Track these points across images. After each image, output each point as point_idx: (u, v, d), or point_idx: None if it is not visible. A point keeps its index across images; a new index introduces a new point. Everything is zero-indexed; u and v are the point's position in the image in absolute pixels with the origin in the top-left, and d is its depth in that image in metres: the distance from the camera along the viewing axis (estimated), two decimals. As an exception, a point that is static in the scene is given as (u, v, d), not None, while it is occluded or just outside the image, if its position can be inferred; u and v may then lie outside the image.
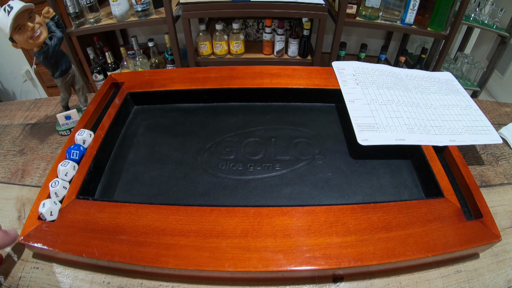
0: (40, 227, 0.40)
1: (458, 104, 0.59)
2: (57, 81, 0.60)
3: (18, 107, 0.72)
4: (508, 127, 0.63)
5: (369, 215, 0.40)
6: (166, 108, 0.62)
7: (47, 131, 0.65)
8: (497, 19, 1.40)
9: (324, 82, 0.62)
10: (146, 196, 0.47)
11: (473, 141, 0.52)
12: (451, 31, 1.29)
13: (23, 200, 0.51)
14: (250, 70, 0.64)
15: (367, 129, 0.51)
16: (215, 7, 1.25)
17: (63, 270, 0.41)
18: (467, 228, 0.39)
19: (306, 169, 0.50)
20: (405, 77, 0.64)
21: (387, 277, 0.40)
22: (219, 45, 1.39)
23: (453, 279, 0.40)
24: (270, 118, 0.60)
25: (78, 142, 0.50)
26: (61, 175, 0.45)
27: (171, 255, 0.37)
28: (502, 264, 0.42)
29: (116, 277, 0.40)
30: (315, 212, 0.41)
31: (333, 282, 0.40)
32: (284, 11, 1.26)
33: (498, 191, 0.52)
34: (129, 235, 0.39)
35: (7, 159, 0.58)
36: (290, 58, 1.44)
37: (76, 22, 1.29)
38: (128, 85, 0.62)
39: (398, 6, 1.30)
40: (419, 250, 0.37)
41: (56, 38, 0.54)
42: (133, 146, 0.55)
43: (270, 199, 0.46)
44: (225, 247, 0.37)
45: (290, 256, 0.36)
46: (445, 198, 0.43)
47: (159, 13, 1.34)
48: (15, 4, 0.48)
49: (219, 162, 0.51)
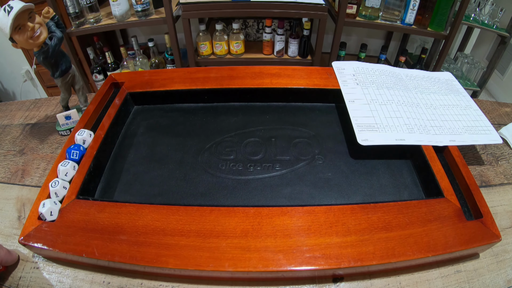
0: (40, 227, 0.40)
1: (458, 104, 0.59)
2: (57, 81, 0.60)
3: (18, 107, 0.72)
4: (508, 127, 0.63)
5: (369, 215, 0.40)
6: (166, 108, 0.62)
7: (47, 131, 0.65)
8: (497, 19, 1.40)
9: (324, 82, 0.62)
10: (146, 196, 0.47)
11: (473, 141, 0.52)
12: (451, 31, 1.29)
13: (23, 200, 0.51)
14: (250, 70, 0.64)
15: (367, 129, 0.51)
16: (215, 7, 1.26)
17: (63, 270, 0.41)
18: (467, 228, 0.39)
19: (306, 169, 0.50)
20: (405, 77, 0.64)
21: (387, 277, 0.40)
22: (219, 45, 1.39)
23: (453, 279, 0.40)
24: (270, 118, 0.60)
25: (78, 142, 0.50)
26: (61, 175, 0.45)
27: (171, 255, 0.37)
28: (502, 264, 0.42)
29: (116, 277, 0.40)
30: (315, 212, 0.41)
31: (333, 282, 0.40)
32: (284, 11, 1.26)
33: (498, 191, 0.52)
34: (129, 235, 0.39)
35: (7, 159, 0.58)
36: (290, 58, 1.44)
37: (76, 22, 1.29)
38: (128, 85, 0.62)
39: (398, 6, 1.30)
40: (419, 250, 0.37)
41: (56, 38, 0.54)
42: (133, 146, 0.55)
43: (270, 199, 0.46)
44: (225, 247, 0.37)
45: (290, 256, 0.36)
46: (445, 198, 0.43)
47: (159, 13, 1.34)
48: (15, 4, 0.48)
49: (219, 162, 0.51)
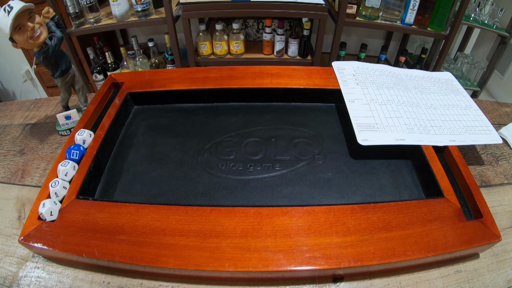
0: (40, 227, 0.40)
1: (458, 104, 0.59)
2: (57, 81, 0.60)
3: (18, 107, 0.72)
4: (508, 127, 0.63)
5: (369, 215, 0.40)
6: (166, 108, 0.62)
7: (47, 131, 0.65)
8: (497, 19, 1.40)
9: (324, 82, 0.62)
10: (146, 196, 0.47)
11: (473, 141, 0.52)
12: (451, 31, 1.29)
13: (23, 200, 0.51)
14: (250, 70, 0.64)
15: (367, 129, 0.51)
16: (215, 7, 1.25)
17: (63, 270, 0.41)
18: (467, 228, 0.39)
19: (306, 169, 0.50)
20: (405, 77, 0.64)
21: (387, 277, 0.40)
22: (219, 45, 1.39)
23: (453, 279, 0.40)
24: (270, 118, 0.60)
25: (78, 142, 0.50)
26: (61, 175, 0.45)
27: (171, 255, 0.37)
28: (502, 264, 0.42)
29: (116, 277, 0.40)
30: (315, 212, 0.41)
31: (333, 282, 0.40)
32: (284, 11, 1.26)
33: (498, 191, 0.52)
34: (129, 235, 0.39)
35: (7, 159, 0.58)
36: (290, 58, 1.44)
37: (76, 22, 1.29)
38: (128, 85, 0.62)
39: (398, 6, 1.30)
40: (419, 250, 0.37)
41: (56, 38, 0.54)
42: (133, 146, 0.55)
43: (270, 199, 0.46)
44: (225, 247, 0.37)
45: (290, 256, 0.36)
46: (445, 198, 0.43)
47: (159, 13, 1.34)
48: (15, 4, 0.48)
49: (219, 162, 0.51)
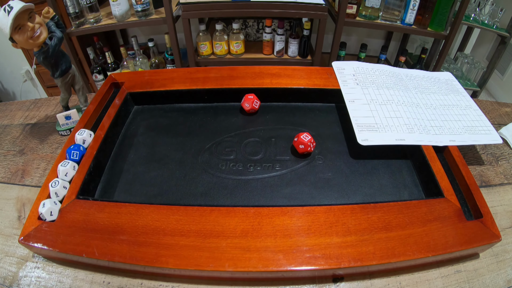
0: (40, 227, 0.40)
1: (458, 104, 0.59)
2: (57, 81, 0.60)
3: (18, 107, 0.72)
4: (508, 127, 0.63)
5: (369, 215, 0.40)
6: (166, 108, 0.62)
7: (47, 131, 0.65)
8: (497, 19, 1.40)
9: (324, 82, 0.62)
10: (146, 196, 0.47)
11: (473, 141, 0.52)
12: (451, 31, 1.29)
13: (23, 200, 0.51)
14: (250, 70, 0.64)
15: (367, 129, 0.51)
16: (215, 7, 1.25)
17: (63, 270, 0.41)
18: (467, 228, 0.39)
19: (306, 169, 0.50)
20: (405, 77, 0.64)
21: (387, 277, 0.40)
22: (219, 45, 1.39)
23: (453, 279, 0.40)
24: (270, 118, 0.60)
25: (78, 142, 0.50)
26: (61, 175, 0.45)
27: (171, 255, 0.37)
28: (502, 264, 0.42)
29: (116, 277, 0.40)
30: (315, 212, 0.41)
31: (333, 282, 0.40)
32: (284, 11, 1.26)
33: (498, 191, 0.52)
34: (129, 235, 0.39)
35: (7, 159, 0.58)
36: (290, 58, 1.44)
37: (76, 22, 1.29)
38: (128, 85, 0.62)
39: (398, 6, 1.30)
40: (419, 250, 0.37)
41: (56, 38, 0.54)
42: (133, 146, 0.55)
43: (270, 199, 0.46)
44: (225, 247, 0.37)
45: (290, 256, 0.36)
46: (445, 198, 0.43)
47: (159, 13, 1.34)
48: (15, 4, 0.48)
49: (219, 162, 0.51)
